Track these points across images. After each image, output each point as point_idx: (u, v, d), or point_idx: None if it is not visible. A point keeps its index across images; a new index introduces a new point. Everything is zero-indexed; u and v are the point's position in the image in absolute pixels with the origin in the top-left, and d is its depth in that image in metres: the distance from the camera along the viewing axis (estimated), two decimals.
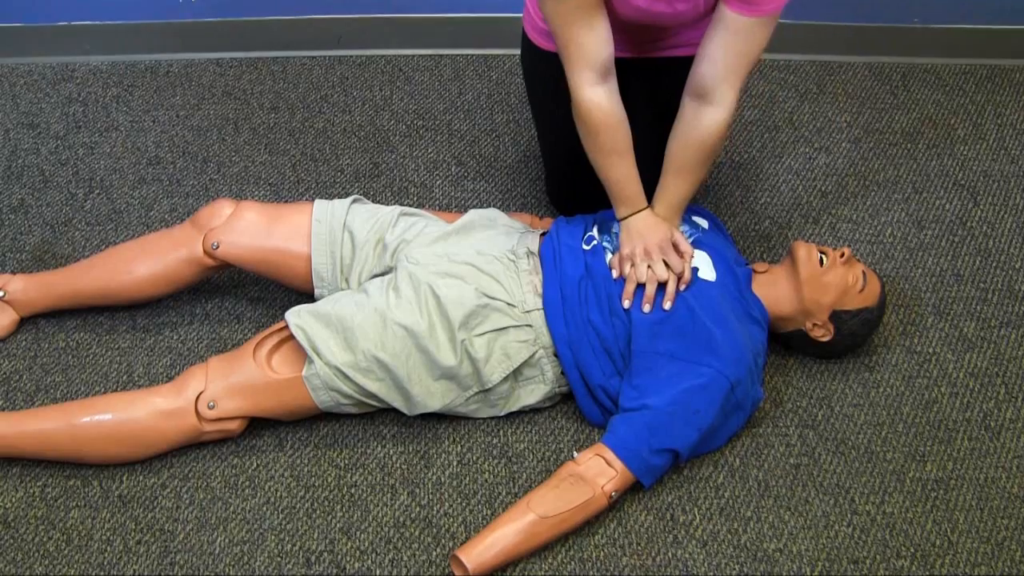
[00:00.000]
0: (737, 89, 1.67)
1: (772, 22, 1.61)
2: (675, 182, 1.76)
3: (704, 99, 1.68)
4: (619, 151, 1.73)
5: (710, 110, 1.68)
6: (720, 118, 1.69)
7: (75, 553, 1.65)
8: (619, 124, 1.71)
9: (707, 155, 1.73)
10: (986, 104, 2.45)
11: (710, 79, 1.65)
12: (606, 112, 1.69)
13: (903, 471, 1.77)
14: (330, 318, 1.69)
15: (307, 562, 1.64)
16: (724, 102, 1.67)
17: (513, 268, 1.77)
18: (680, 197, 1.78)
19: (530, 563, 1.64)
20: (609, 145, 1.72)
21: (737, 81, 1.66)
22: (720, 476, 1.75)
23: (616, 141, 1.72)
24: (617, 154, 1.73)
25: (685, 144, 1.73)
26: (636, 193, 1.76)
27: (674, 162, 1.75)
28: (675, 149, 1.75)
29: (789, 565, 1.65)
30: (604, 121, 1.69)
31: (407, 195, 2.22)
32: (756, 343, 1.75)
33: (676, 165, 1.75)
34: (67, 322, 1.95)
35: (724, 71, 1.64)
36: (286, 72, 2.50)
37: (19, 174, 2.25)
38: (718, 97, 1.67)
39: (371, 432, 1.80)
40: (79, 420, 1.68)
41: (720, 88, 1.66)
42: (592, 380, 1.73)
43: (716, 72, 1.64)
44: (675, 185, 1.77)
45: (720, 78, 1.65)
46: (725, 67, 1.64)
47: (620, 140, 1.72)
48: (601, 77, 1.67)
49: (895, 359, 1.94)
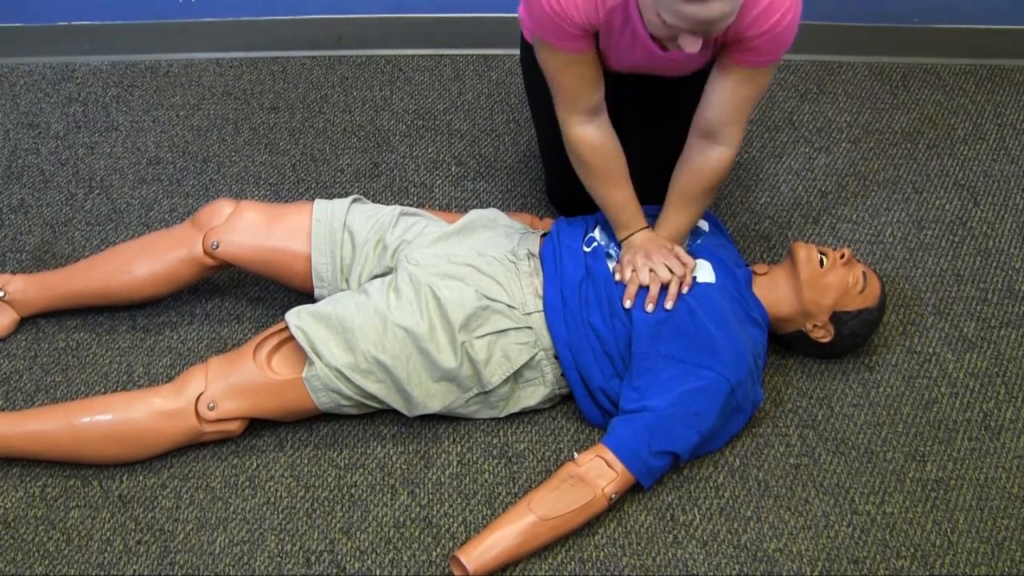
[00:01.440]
0: (742, 128, 1.71)
1: (774, 67, 1.65)
2: (678, 213, 1.79)
3: (711, 139, 1.72)
4: (613, 180, 1.76)
5: (717, 149, 1.72)
6: (727, 155, 1.73)
7: (75, 553, 1.65)
8: (611, 154, 1.74)
9: (712, 187, 1.77)
10: (986, 104, 2.45)
11: (716, 123, 1.69)
12: (596, 146, 1.73)
13: (903, 471, 1.77)
14: (330, 319, 1.69)
15: (307, 562, 1.64)
16: (731, 142, 1.72)
17: (514, 270, 1.77)
18: (683, 227, 1.81)
19: (530, 563, 1.64)
20: (603, 176, 1.75)
21: (742, 122, 1.70)
22: (720, 476, 1.75)
23: (609, 171, 1.75)
24: (612, 183, 1.76)
25: (691, 179, 1.76)
26: (635, 216, 1.79)
27: (679, 194, 1.78)
28: (681, 183, 1.77)
29: (789, 565, 1.65)
30: (596, 155, 1.73)
31: (407, 195, 2.22)
32: (756, 344, 1.75)
33: (681, 197, 1.78)
34: (67, 322, 1.95)
35: (730, 115, 1.68)
36: (286, 72, 2.50)
37: (19, 174, 2.25)
38: (724, 138, 1.71)
39: (371, 432, 1.80)
40: (79, 420, 1.68)
41: (726, 130, 1.70)
42: (592, 382, 1.73)
43: (722, 117, 1.68)
44: (678, 216, 1.79)
45: (726, 122, 1.68)
46: (731, 111, 1.67)
47: (613, 169, 1.75)
48: (591, 115, 1.70)
49: (895, 359, 1.94)
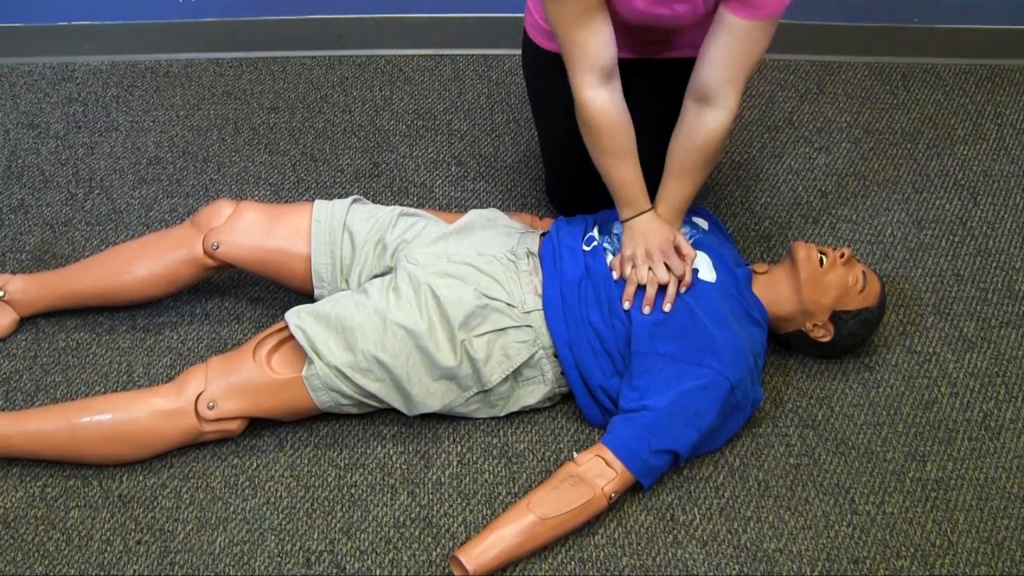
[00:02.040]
0: (739, 91, 1.67)
1: (772, 25, 1.61)
2: (677, 184, 1.76)
3: (706, 102, 1.68)
4: (622, 153, 1.73)
5: (712, 112, 1.68)
6: (722, 120, 1.69)
7: (75, 553, 1.65)
8: (622, 126, 1.71)
9: (709, 157, 1.73)
10: (986, 104, 2.45)
11: (712, 82, 1.65)
12: (609, 114, 1.69)
13: (903, 471, 1.77)
14: (330, 318, 1.69)
15: (307, 562, 1.64)
16: (726, 105, 1.67)
17: (513, 268, 1.77)
18: (682, 199, 1.78)
19: (530, 563, 1.64)
20: (612, 147, 1.72)
21: (739, 83, 1.66)
22: (720, 476, 1.75)
23: (619, 143, 1.72)
24: (620, 156, 1.73)
25: (687, 146, 1.73)
26: (639, 195, 1.76)
27: (676, 164, 1.76)
28: (677, 151, 1.75)
29: (789, 565, 1.65)
30: (606, 122, 1.69)
31: (407, 195, 2.22)
32: (756, 344, 1.75)
33: (678, 167, 1.75)
34: (67, 322, 1.95)
35: (725, 74, 1.64)
36: (286, 72, 2.50)
37: (19, 174, 2.25)
38: (720, 100, 1.67)
39: (371, 432, 1.80)
40: (79, 420, 1.68)
41: (722, 91, 1.66)
42: (592, 381, 1.73)
43: (717, 75, 1.64)
44: (677, 187, 1.77)
45: (722, 81, 1.65)
46: (726, 70, 1.64)
47: (623, 142, 1.72)
48: (604, 79, 1.67)
49: (895, 359, 1.94)
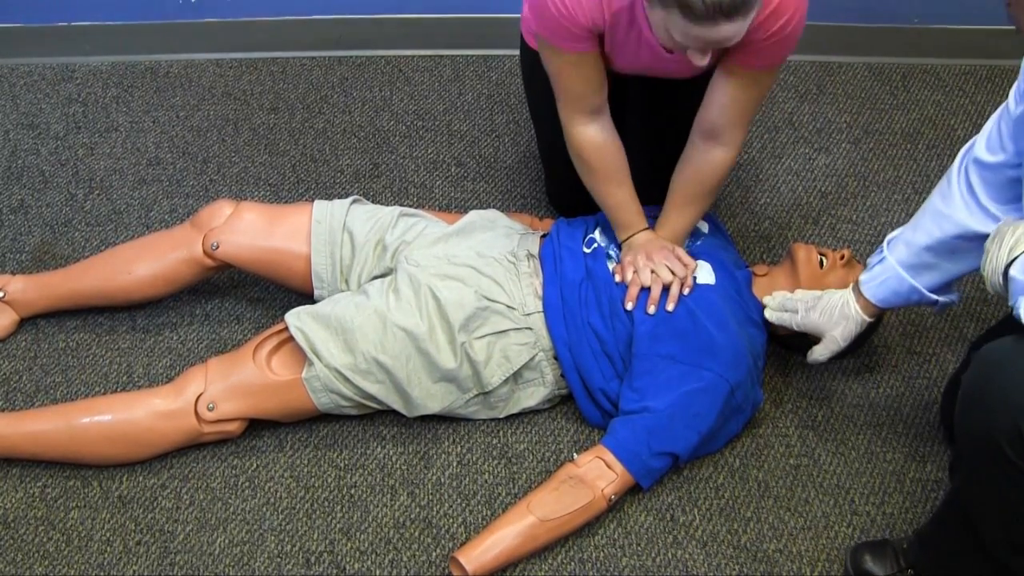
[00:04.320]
0: (745, 130, 1.71)
1: (778, 69, 1.65)
2: (679, 213, 1.79)
3: (713, 140, 1.71)
4: (615, 180, 1.76)
5: (720, 150, 1.72)
6: (728, 156, 1.73)
7: (75, 554, 1.65)
8: (612, 154, 1.74)
9: (713, 188, 1.77)
10: (986, 104, 2.45)
11: (719, 124, 1.69)
12: (598, 146, 1.73)
13: (903, 471, 1.77)
14: (330, 320, 1.69)
15: (307, 563, 1.64)
16: (732, 142, 1.71)
17: (513, 270, 1.77)
18: (684, 227, 1.80)
19: (530, 564, 1.64)
20: (605, 176, 1.76)
21: (745, 124, 1.70)
22: (720, 477, 1.75)
23: (610, 171, 1.75)
24: (614, 182, 1.76)
25: (692, 179, 1.76)
26: (635, 216, 1.79)
27: (679, 195, 1.78)
28: (681, 183, 1.77)
29: (789, 565, 1.65)
30: (597, 155, 1.74)
31: (407, 196, 2.22)
32: (756, 345, 1.75)
33: (682, 198, 1.78)
34: (67, 322, 1.95)
35: (732, 116, 1.67)
36: (286, 72, 2.50)
37: (19, 174, 2.25)
38: (726, 139, 1.71)
39: (371, 433, 1.80)
40: (79, 421, 1.68)
41: (728, 131, 1.70)
42: (592, 383, 1.73)
43: (725, 118, 1.68)
44: (679, 216, 1.79)
45: (729, 123, 1.68)
46: (733, 113, 1.67)
47: (615, 170, 1.75)
48: (593, 116, 1.71)
49: (895, 359, 1.94)
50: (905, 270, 1.58)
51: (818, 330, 1.68)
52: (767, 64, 1.60)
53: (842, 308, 1.65)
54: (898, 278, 1.59)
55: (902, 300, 1.61)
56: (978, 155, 1.48)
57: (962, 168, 1.52)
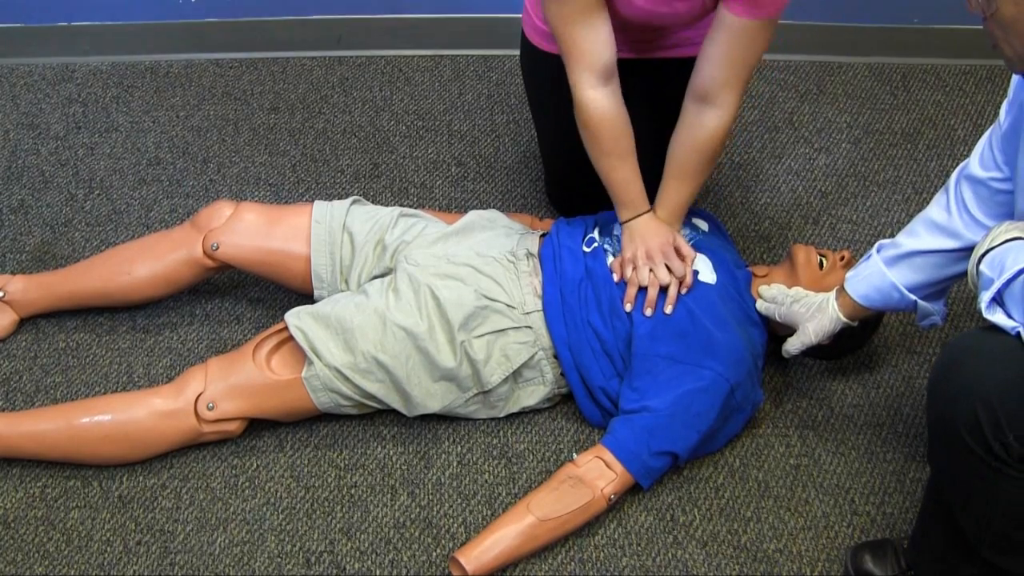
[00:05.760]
0: (739, 92, 1.67)
1: (773, 25, 1.61)
2: (676, 186, 1.76)
3: (706, 102, 1.68)
4: (621, 153, 1.73)
5: (712, 113, 1.68)
6: (722, 121, 1.68)
7: (75, 554, 1.65)
8: (621, 126, 1.71)
9: (709, 158, 1.73)
10: (986, 104, 2.45)
11: (712, 82, 1.65)
12: (608, 114, 1.69)
13: (903, 471, 1.77)
14: (329, 319, 1.69)
15: (307, 563, 1.64)
16: (726, 105, 1.67)
17: (513, 270, 1.77)
18: (682, 201, 1.77)
19: (530, 564, 1.64)
20: (611, 147, 1.72)
21: (739, 84, 1.66)
22: (720, 477, 1.75)
23: (618, 143, 1.72)
24: (619, 156, 1.73)
25: (687, 147, 1.73)
26: (638, 196, 1.76)
27: (675, 166, 1.75)
28: (677, 152, 1.74)
29: (789, 565, 1.65)
30: (605, 123, 1.69)
31: (407, 196, 2.22)
32: (756, 345, 1.75)
33: (678, 169, 1.75)
34: (67, 322, 1.95)
35: (726, 74, 1.64)
36: (286, 72, 2.50)
37: (19, 174, 2.26)
38: (720, 100, 1.67)
39: (371, 433, 1.80)
40: (79, 421, 1.68)
41: (722, 91, 1.66)
42: (592, 382, 1.73)
43: (718, 75, 1.64)
44: (676, 189, 1.76)
45: (722, 81, 1.65)
46: (727, 70, 1.63)
47: (622, 142, 1.72)
48: (603, 79, 1.67)
49: (895, 359, 1.94)
50: (887, 266, 1.59)
51: (794, 322, 1.70)
52: (763, 12, 1.57)
53: (820, 303, 1.67)
54: (879, 274, 1.61)
55: (882, 297, 1.61)
56: (972, 171, 1.51)
57: (957, 184, 1.55)
